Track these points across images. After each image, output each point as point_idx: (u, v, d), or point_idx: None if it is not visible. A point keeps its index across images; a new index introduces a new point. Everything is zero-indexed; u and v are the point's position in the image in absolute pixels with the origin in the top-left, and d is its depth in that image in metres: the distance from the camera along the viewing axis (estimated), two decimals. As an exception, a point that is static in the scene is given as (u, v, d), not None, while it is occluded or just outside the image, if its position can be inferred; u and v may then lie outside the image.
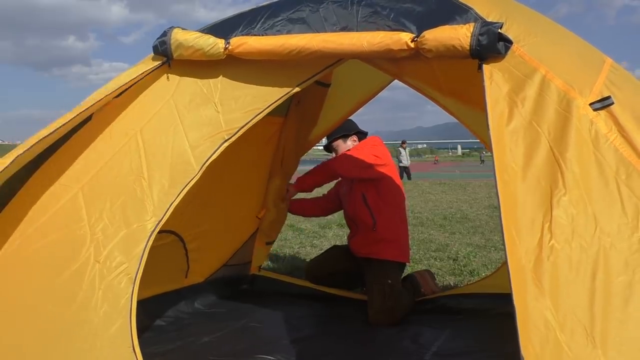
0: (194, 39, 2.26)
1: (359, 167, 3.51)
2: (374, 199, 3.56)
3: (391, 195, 3.63)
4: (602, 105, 1.75)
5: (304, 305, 3.67)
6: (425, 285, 3.76)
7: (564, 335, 1.49)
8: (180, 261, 3.65)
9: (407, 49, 1.98)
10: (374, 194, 3.56)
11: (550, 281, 1.56)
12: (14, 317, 2.11)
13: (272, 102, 2.23)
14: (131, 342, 1.91)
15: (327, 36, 2.11)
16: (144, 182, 2.19)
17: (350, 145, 3.75)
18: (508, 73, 1.84)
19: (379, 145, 3.70)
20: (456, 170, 31.49)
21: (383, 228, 3.55)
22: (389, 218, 3.57)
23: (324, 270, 3.86)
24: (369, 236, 3.58)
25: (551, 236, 1.61)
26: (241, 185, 3.81)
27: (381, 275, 3.48)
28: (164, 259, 3.43)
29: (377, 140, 3.79)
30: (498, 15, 1.94)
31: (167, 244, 3.48)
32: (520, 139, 1.75)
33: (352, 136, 3.79)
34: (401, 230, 3.68)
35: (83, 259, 2.10)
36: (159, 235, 3.31)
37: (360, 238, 3.66)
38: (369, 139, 3.79)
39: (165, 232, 3.42)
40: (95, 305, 2.00)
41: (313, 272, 3.96)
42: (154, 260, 3.32)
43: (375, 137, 3.84)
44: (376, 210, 3.55)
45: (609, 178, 1.67)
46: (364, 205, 3.58)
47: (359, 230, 3.66)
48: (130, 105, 2.32)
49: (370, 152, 3.57)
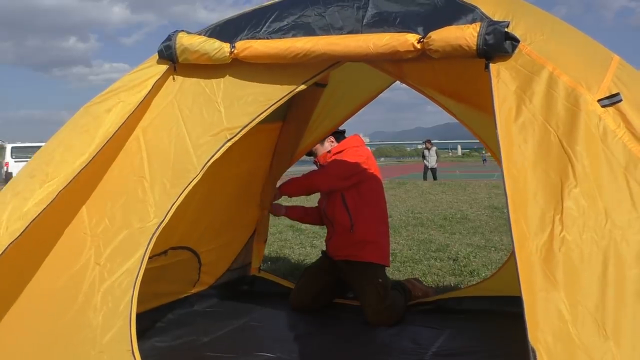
0: (199, 43, 2.24)
1: (341, 179, 3.50)
2: (353, 200, 3.52)
3: (372, 195, 3.58)
4: (611, 102, 1.74)
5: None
6: (414, 289, 3.71)
7: (576, 328, 1.49)
8: (192, 274, 3.66)
9: (414, 50, 1.96)
10: (354, 194, 3.52)
11: (563, 273, 1.56)
12: (14, 320, 2.09)
13: (275, 101, 2.22)
14: (130, 346, 1.90)
15: (333, 39, 2.10)
16: (145, 182, 2.17)
17: (328, 147, 3.72)
18: (515, 71, 1.83)
19: (359, 148, 3.66)
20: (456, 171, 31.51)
21: (361, 230, 3.50)
22: (368, 219, 3.52)
23: (308, 294, 3.64)
24: (346, 238, 3.53)
25: (562, 227, 1.61)
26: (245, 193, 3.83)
27: (369, 276, 3.44)
28: (176, 275, 3.44)
29: (358, 141, 3.75)
30: (504, 14, 1.93)
31: (182, 261, 3.48)
32: (529, 133, 1.75)
33: (329, 137, 3.75)
34: (381, 231, 3.63)
35: (83, 261, 2.08)
36: (174, 252, 3.34)
37: (337, 240, 3.60)
38: (348, 141, 3.72)
39: (180, 249, 3.42)
40: (95, 307, 1.99)
41: (299, 299, 3.68)
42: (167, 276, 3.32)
43: (355, 137, 3.80)
44: (355, 211, 3.51)
45: (618, 173, 1.67)
46: (342, 206, 3.53)
47: (336, 231, 3.60)
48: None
49: (352, 160, 3.54)
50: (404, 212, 9.07)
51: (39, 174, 2.11)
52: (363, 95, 3.75)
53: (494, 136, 1.78)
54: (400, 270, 4.82)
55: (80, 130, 2.20)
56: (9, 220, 1.99)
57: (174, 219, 2.15)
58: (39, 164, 2.17)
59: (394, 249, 5.58)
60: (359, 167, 3.53)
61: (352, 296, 3.72)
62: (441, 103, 2.76)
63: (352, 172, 3.52)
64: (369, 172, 3.59)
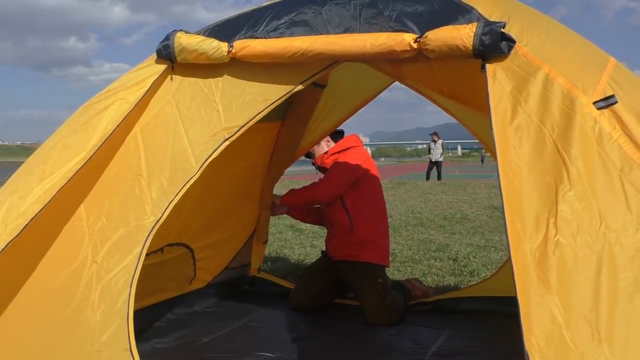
0: (197, 42, 2.25)
1: (343, 186, 3.50)
2: (352, 201, 3.52)
3: (371, 196, 3.59)
4: (606, 104, 1.74)
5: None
6: (414, 289, 3.71)
7: (569, 332, 1.49)
8: (188, 271, 3.66)
9: (410, 49, 1.97)
10: (353, 196, 3.52)
11: (557, 276, 1.56)
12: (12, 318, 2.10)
13: (273, 101, 2.22)
14: (128, 344, 1.90)
15: (330, 38, 2.10)
16: (142, 181, 2.18)
17: (324, 148, 3.73)
18: (511, 72, 1.84)
19: (358, 148, 3.66)
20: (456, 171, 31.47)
21: (361, 230, 3.51)
22: (367, 220, 3.52)
23: (309, 295, 3.63)
24: (346, 239, 3.53)
25: (556, 231, 1.61)
26: (243, 191, 3.82)
27: (369, 276, 3.44)
28: (172, 271, 3.44)
29: (355, 141, 3.74)
30: (500, 15, 1.93)
31: (177, 257, 3.48)
32: (524, 135, 1.75)
33: (325, 137, 3.76)
34: (380, 231, 3.63)
35: (80, 259, 2.09)
36: (170, 249, 3.36)
37: (337, 240, 3.61)
38: (346, 141, 3.71)
39: (176, 245, 3.42)
40: (93, 306, 1.99)
41: (299, 299, 3.67)
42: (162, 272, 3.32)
43: (353, 136, 3.79)
44: (354, 212, 3.51)
45: (613, 175, 1.67)
46: (341, 207, 3.53)
47: (335, 232, 3.61)
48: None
49: (352, 162, 3.54)
50: (404, 212, 9.06)
51: (36, 172, 2.11)
52: (362, 95, 3.75)
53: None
54: (400, 270, 4.81)
55: (78, 128, 2.20)
56: (7, 219, 2.00)
57: (171, 217, 2.16)
58: (37, 162, 2.17)
59: (394, 249, 5.57)
60: (360, 169, 3.54)
61: (352, 296, 3.71)
62: (440, 103, 2.76)
63: (354, 176, 3.52)
64: (369, 173, 3.59)
